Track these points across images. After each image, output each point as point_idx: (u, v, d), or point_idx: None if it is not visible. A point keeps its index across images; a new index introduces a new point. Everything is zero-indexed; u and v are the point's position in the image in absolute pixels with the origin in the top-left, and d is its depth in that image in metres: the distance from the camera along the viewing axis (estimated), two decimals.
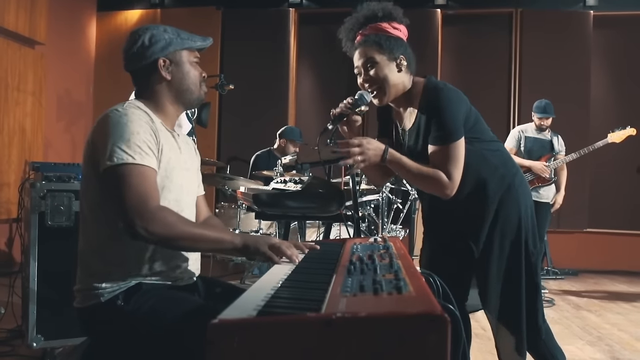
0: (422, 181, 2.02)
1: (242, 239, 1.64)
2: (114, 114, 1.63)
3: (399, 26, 2.11)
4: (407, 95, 2.09)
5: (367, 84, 2.09)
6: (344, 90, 7.12)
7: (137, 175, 1.55)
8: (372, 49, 2.06)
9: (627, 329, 4.15)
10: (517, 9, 6.92)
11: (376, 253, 1.61)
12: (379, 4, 2.12)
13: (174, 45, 1.77)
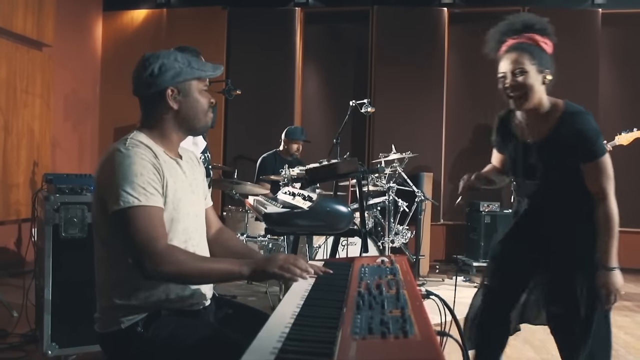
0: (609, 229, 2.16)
1: (250, 268, 1.67)
2: (118, 156, 1.66)
3: (550, 42, 2.22)
4: (541, 109, 2.18)
5: (511, 89, 2.16)
6: (349, 89, 7.16)
7: (144, 217, 1.59)
8: (525, 57, 2.13)
9: (633, 332, 4.18)
10: (525, 7, 6.88)
11: (383, 280, 1.65)
12: (536, 16, 2.27)
13: (183, 74, 1.78)
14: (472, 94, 7.01)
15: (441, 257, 7.03)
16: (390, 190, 5.12)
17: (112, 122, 7.28)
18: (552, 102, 2.19)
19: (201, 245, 1.87)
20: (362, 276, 1.75)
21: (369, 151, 6.95)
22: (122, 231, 1.60)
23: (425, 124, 6.91)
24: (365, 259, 2.12)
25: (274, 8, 7.15)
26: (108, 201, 1.62)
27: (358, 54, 7.17)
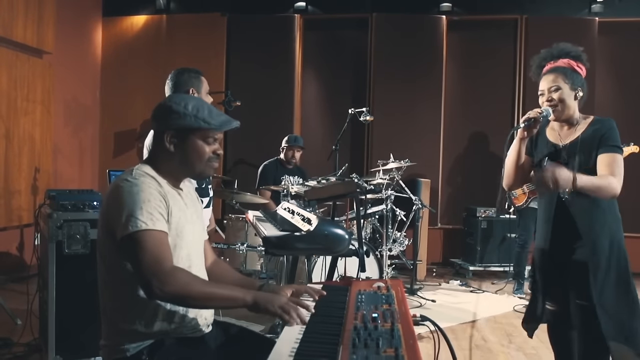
0: (601, 189, 2.41)
1: (253, 298, 1.72)
2: (126, 184, 1.73)
3: (582, 67, 2.62)
4: (574, 120, 2.57)
5: (548, 103, 2.54)
6: (349, 96, 7.21)
7: (151, 240, 1.66)
8: (560, 77, 2.55)
9: None
10: (522, 16, 6.95)
11: (379, 310, 1.72)
12: (572, 45, 2.66)
13: (185, 123, 1.82)
14: (470, 101, 7.07)
15: (438, 260, 7.11)
16: (389, 198, 5.19)
17: (112, 126, 7.34)
18: (584, 116, 2.60)
19: (202, 273, 1.93)
20: (359, 305, 1.81)
21: (367, 158, 7.01)
22: (130, 255, 1.68)
23: (423, 131, 6.97)
24: (362, 283, 2.18)
25: (273, 14, 7.19)
26: (117, 228, 1.69)
27: (357, 61, 7.22)
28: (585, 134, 2.51)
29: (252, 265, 4.69)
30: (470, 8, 7.05)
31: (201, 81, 3.08)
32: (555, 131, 2.63)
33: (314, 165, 6.38)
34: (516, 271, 5.66)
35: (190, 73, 3.07)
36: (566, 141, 2.56)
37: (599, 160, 2.46)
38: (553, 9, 6.92)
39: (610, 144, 2.46)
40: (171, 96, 1.89)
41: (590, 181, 2.39)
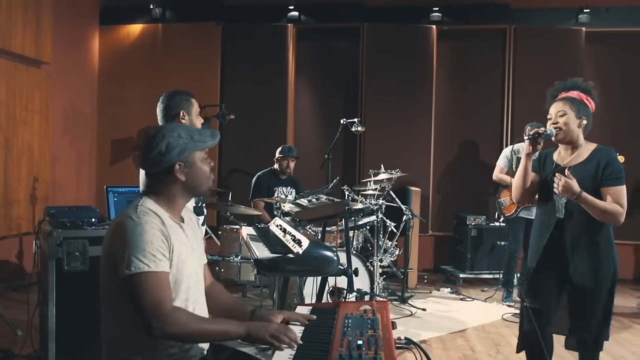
0: (605, 213, 2.71)
1: (246, 329, 1.85)
2: (130, 223, 1.82)
3: (591, 100, 2.94)
4: (577, 144, 2.88)
5: (554, 125, 2.86)
6: (341, 104, 7.34)
7: (152, 282, 1.77)
8: (567, 105, 2.88)
9: (609, 349, 4.33)
10: (511, 26, 7.08)
11: (364, 336, 1.84)
12: (584, 81, 2.99)
13: (188, 150, 1.95)
14: (460, 110, 7.20)
15: (430, 267, 7.24)
16: (379, 209, 5.31)
17: (110, 134, 7.45)
18: (587, 142, 2.91)
19: (200, 301, 2.05)
20: (345, 330, 1.94)
21: (359, 168, 7.14)
22: (132, 294, 1.78)
23: (414, 140, 7.10)
24: (350, 305, 2.31)
25: (267, 24, 7.30)
26: (119, 265, 1.79)
27: (349, 70, 7.34)
28: (588, 160, 2.81)
29: (246, 275, 4.81)
30: (459, 18, 7.17)
31: (191, 103, 3.17)
32: (561, 154, 2.92)
33: (307, 174, 6.50)
34: (505, 279, 5.79)
35: (182, 96, 3.15)
36: (570, 164, 2.84)
37: (605, 193, 2.74)
38: (541, 19, 7.05)
39: (616, 176, 2.75)
40: (156, 135, 1.95)
41: (594, 201, 2.68)
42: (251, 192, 5.52)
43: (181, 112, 3.09)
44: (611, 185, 2.75)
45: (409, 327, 4.74)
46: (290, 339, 1.83)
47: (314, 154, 6.97)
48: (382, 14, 7.18)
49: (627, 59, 7.01)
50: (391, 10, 7.19)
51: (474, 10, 7.11)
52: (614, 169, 2.76)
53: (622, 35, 6.98)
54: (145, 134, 2.03)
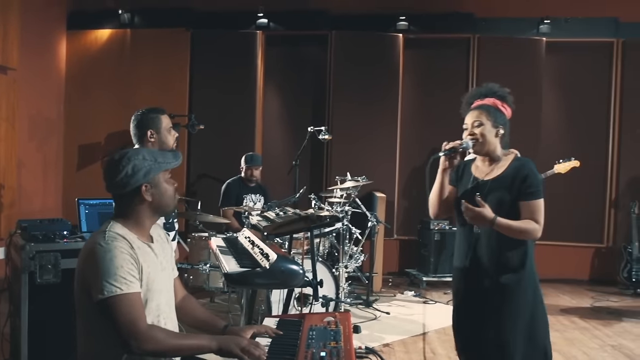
0: (522, 233, 2.55)
1: (217, 343, 1.97)
2: (100, 250, 1.93)
3: (507, 107, 2.80)
4: (495, 157, 2.71)
5: (470, 137, 2.70)
6: (309, 111, 7.46)
7: (125, 303, 1.88)
8: (483, 114, 2.70)
9: (562, 349, 4.60)
10: (475, 35, 7.30)
11: (327, 348, 1.98)
12: (499, 86, 2.84)
13: (153, 171, 2.07)
14: (425, 116, 7.39)
15: (395, 270, 7.42)
16: (345, 216, 5.45)
17: (77, 139, 7.43)
18: (506, 153, 2.74)
19: (171, 317, 2.16)
20: (310, 342, 2.08)
21: (326, 174, 7.27)
22: (107, 317, 1.88)
23: (380, 147, 7.26)
24: (315, 317, 2.44)
25: (236, 31, 7.38)
26: (92, 290, 1.90)
27: (317, 77, 7.47)
28: (506, 172, 2.64)
29: (215, 283, 4.90)
30: (425, 27, 7.35)
31: (160, 120, 3.20)
32: (478, 167, 2.77)
33: (276, 180, 6.62)
34: None
35: (150, 114, 3.19)
36: (488, 177, 2.69)
37: (522, 207, 2.57)
38: (503, 29, 7.28)
39: (531, 191, 2.57)
40: (122, 158, 2.04)
41: (509, 225, 2.51)
42: (220, 201, 5.60)
43: (149, 132, 3.14)
44: (528, 199, 2.57)
45: (373, 330, 4.90)
46: (260, 353, 1.95)
47: (282, 160, 7.09)
48: (349, 22, 7.33)
49: (585, 68, 7.30)
50: (358, 19, 7.34)
51: (440, 20, 7.30)
52: (532, 182, 2.58)
53: (580, 45, 7.27)
54: (108, 158, 2.12)
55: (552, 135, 7.27)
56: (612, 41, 7.20)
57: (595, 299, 6.37)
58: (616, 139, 7.24)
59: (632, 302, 6.31)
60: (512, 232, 2.54)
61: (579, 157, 5.83)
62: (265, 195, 5.70)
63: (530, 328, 2.59)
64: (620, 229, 7.12)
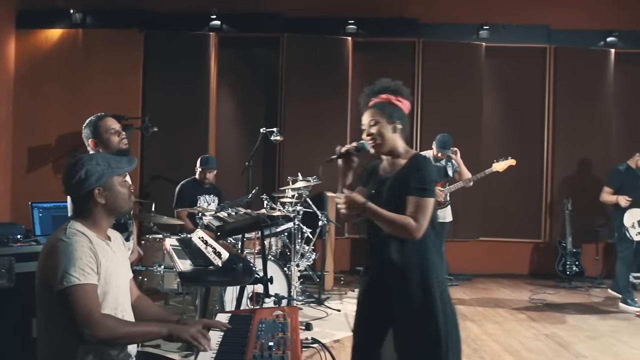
0: (393, 225, 2.50)
1: (168, 330, 2.13)
2: (61, 244, 2.07)
3: (404, 100, 2.73)
4: (397, 153, 2.68)
5: (368, 137, 2.69)
6: (262, 112, 7.61)
7: (82, 293, 2.02)
8: (378, 112, 2.67)
9: (500, 340, 4.92)
10: (419, 39, 7.60)
11: (275, 338, 2.16)
12: (393, 81, 2.78)
13: (106, 175, 2.22)
14: None
15: (346, 269, 7.64)
16: (297, 216, 5.62)
17: (26, 141, 7.34)
18: (407, 149, 2.71)
19: (128, 311, 2.30)
20: (259, 334, 2.25)
21: (279, 175, 7.43)
22: (65, 306, 2.02)
23: (331, 147, 7.36)
24: (265, 311, 2.61)
25: (190, 32, 7.46)
26: (53, 282, 2.03)
27: (269, 79, 7.62)
28: (404, 168, 2.61)
29: (169, 284, 4.99)
30: (373, 31, 7.60)
31: (99, 127, 3.24)
32: (385, 165, 2.76)
33: (229, 181, 6.74)
34: None
35: (90, 123, 3.25)
36: (390, 174, 2.68)
37: (407, 201, 2.50)
38: (446, 33, 7.62)
39: (418, 186, 2.50)
40: (76, 164, 2.20)
41: (380, 213, 2.49)
42: (174, 202, 5.69)
43: (90, 142, 3.23)
44: (412, 194, 2.49)
45: (324, 328, 5.07)
46: (207, 340, 2.11)
47: (235, 161, 7.21)
48: (300, 25, 7.51)
49: (522, 72, 7.73)
50: (309, 22, 7.54)
51: (386, 24, 7.57)
52: (421, 179, 2.51)
53: (517, 50, 7.69)
54: (67, 165, 2.28)
55: (492, 136, 7.65)
56: (545, 47, 7.66)
57: (533, 292, 6.75)
58: (550, 139, 7.68)
59: (566, 294, 6.72)
60: (384, 221, 2.51)
61: (517, 157, 6.20)
62: (219, 196, 5.83)
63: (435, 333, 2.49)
64: (556, 225, 7.55)
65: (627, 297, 6.07)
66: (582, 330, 5.25)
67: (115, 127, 3.26)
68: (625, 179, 6.12)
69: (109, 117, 3.31)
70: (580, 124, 7.55)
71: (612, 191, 6.21)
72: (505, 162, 6.11)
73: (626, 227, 5.99)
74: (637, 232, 5.96)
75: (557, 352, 4.61)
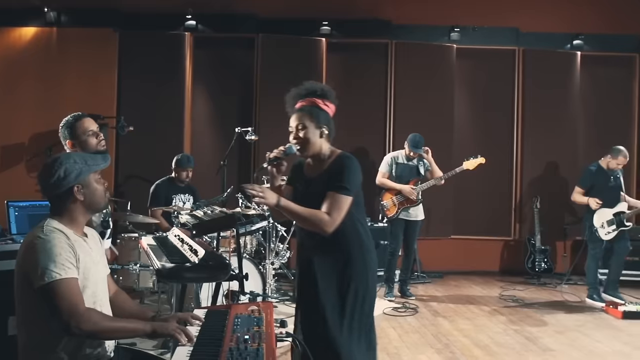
0: (306, 220, 2.62)
1: (151, 327, 2.18)
2: (39, 241, 2.11)
3: (330, 104, 2.80)
4: (322, 156, 2.76)
5: (295, 141, 2.74)
6: (236, 112, 7.65)
7: (65, 287, 2.07)
8: (305, 116, 2.72)
9: (470, 335, 5.05)
10: (392, 40, 7.72)
11: (250, 332, 2.23)
12: (319, 84, 2.86)
13: (84, 173, 2.27)
14: (347, 117, 7.66)
15: None
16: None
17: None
18: (332, 151, 2.80)
19: (106, 305, 2.36)
20: (235, 328, 2.31)
21: (253, 174, 7.46)
22: (48, 301, 2.06)
23: None
24: (240, 307, 2.67)
25: (165, 32, 7.47)
26: (34, 278, 2.07)
27: (244, 79, 7.66)
28: (328, 169, 2.71)
29: (145, 283, 5.02)
30: (347, 32, 7.70)
31: (76, 128, 3.20)
32: (309, 165, 2.85)
33: (204, 180, 6.76)
34: (387, 276, 6.35)
35: (66, 125, 3.22)
36: (315, 174, 2.78)
37: (326, 196, 2.61)
38: (418, 35, 7.76)
39: (337, 184, 2.61)
40: (54, 163, 2.24)
41: (295, 208, 2.58)
42: (149, 201, 5.71)
43: (67, 143, 3.21)
44: (331, 190, 2.61)
45: None
46: (188, 334, 2.16)
47: (210, 161, 7.22)
48: (275, 26, 7.58)
49: (492, 74, 7.91)
50: (284, 23, 7.61)
51: (360, 25, 7.68)
52: (342, 177, 2.62)
53: (487, 52, 7.86)
54: (43, 164, 2.31)
55: (463, 135, 7.82)
56: (515, 49, 7.86)
57: (503, 289, 6.92)
58: (519, 139, 7.88)
59: (535, 290, 6.91)
60: (297, 216, 2.62)
61: (488, 156, 6.37)
62: (194, 195, 5.86)
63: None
64: (525, 223, 7.75)
65: (593, 293, 6.26)
66: (550, 325, 5.42)
67: (92, 129, 3.22)
68: (596, 179, 6.27)
69: (87, 117, 3.26)
70: (548, 124, 7.76)
71: (583, 191, 6.35)
72: (475, 160, 6.26)
73: (596, 227, 6.15)
74: (606, 232, 6.13)
75: (525, 346, 4.75)
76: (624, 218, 6.09)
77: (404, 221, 6.24)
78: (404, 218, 6.23)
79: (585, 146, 7.84)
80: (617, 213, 6.12)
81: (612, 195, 6.19)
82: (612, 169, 6.20)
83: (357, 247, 2.74)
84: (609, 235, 6.13)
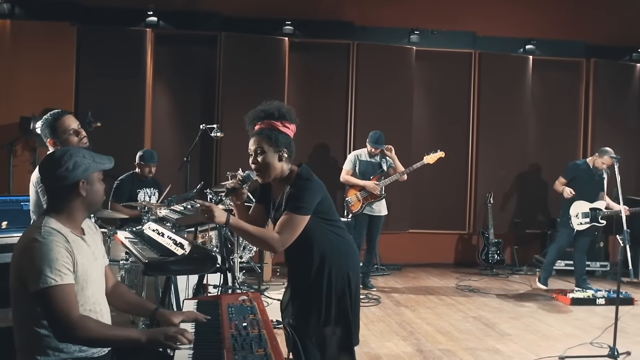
0: (255, 239, 2.70)
1: (146, 336, 2.16)
2: (37, 244, 2.09)
3: (290, 125, 2.76)
4: (284, 179, 2.76)
5: (254, 166, 2.72)
6: (199, 109, 7.66)
7: (60, 294, 2.06)
8: (264, 140, 2.69)
9: (432, 322, 5.31)
10: (354, 42, 7.88)
11: (247, 320, 2.34)
12: (278, 105, 2.78)
13: (91, 169, 2.27)
14: (310, 115, 7.82)
15: (281, 261, 7.82)
16: None
17: None
18: (292, 170, 2.78)
19: (104, 303, 2.37)
20: (231, 316, 2.42)
21: (216, 169, 7.53)
22: (42, 307, 2.07)
23: None
24: (230, 297, 2.78)
25: (125, 28, 7.40)
26: (29, 282, 2.07)
27: (207, 76, 7.66)
28: (289, 191, 2.70)
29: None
30: (309, 32, 7.81)
31: (55, 127, 3.18)
32: (274, 186, 2.84)
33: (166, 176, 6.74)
34: None
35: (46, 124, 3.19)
36: (278, 197, 2.80)
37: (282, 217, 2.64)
38: (379, 37, 7.96)
39: (291, 204, 2.62)
40: (64, 154, 2.23)
41: (245, 228, 2.62)
42: (111, 195, 5.68)
43: (48, 141, 3.20)
44: (286, 211, 2.63)
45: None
46: (187, 338, 2.14)
47: (171, 157, 7.17)
48: (238, 24, 7.62)
49: (449, 75, 8.21)
50: (247, 22, 7.65)
51: (322, 26, 7.81)
52: (295, 197, 2.62)
53: (445, 55, 8.15)
54: (48, 154, 2.34)
55: (422, 134, 8.08)
56: (471, 52, 8.18)
57: (459, 279, 7.23)
58: (475, 138, 8.21)
59: (489, 280, 7.25)
60: (247, 236, 2.71)
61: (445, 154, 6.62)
62: (158, 188, 5.88)
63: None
64: (479, 217, 8.09)
65: (543, 276, 6.66)
66: (505, 312, 5.74)
67: (74, 127, 3.20)
68: (581, 174, 6.56)
69: (67, 115, 3.23)
70: (502, 124, 8.12)
71: (565, 182, 6.65)
72: (435, 154, 6.54)
73: (570, 215, 6.47)
74: (578, 223, 6.45)
75: (485, 332, 5.03)
76: (599, 215, 6.41)
77: (368, 216, 6.44)
78: (368, 213, 6.43)
79: (535, 145, 8.27)
80: (594, 209, 6.45)
81: (593, 191, 6.52)
82: (598, 167, 6.52)
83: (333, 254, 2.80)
84: (580, 226, 6.45)
